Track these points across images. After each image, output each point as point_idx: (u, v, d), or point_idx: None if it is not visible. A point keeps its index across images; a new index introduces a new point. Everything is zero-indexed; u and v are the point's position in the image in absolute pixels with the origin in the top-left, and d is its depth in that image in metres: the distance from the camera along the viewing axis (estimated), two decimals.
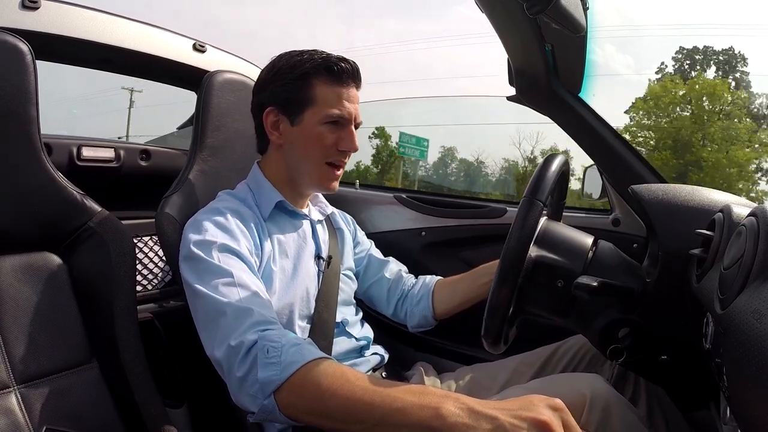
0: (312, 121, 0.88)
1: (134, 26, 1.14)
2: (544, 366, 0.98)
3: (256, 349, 0.65)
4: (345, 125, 0.89)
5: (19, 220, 0.75)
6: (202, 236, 0.78)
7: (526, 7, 0.66)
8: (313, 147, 0.89)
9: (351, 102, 0.89)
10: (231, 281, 0.72)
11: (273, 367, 0.62)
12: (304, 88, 0.87)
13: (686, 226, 0.85)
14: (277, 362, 0.62)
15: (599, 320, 0.85)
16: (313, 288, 0.91)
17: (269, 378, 0.62)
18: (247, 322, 0.68)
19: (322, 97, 0.87)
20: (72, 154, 1.12)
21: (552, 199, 0.95)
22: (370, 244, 1.15)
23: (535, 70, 1.05)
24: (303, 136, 0.89)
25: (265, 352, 0.64)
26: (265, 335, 0.66)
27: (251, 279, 0.75)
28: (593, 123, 1.11)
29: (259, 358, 0.64)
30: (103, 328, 0.79)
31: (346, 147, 0.90)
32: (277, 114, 0.90)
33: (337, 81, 0.88)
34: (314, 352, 0.65)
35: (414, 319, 1.08)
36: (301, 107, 0.88)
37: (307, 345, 0.66)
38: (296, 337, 0.68)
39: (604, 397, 0.73)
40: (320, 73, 0.87)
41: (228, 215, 0.82)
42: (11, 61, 0.73)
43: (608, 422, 0.71)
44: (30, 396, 0.71)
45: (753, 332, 0.46)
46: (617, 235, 1.18)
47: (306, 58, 0.88)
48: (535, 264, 0.82)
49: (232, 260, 0.76)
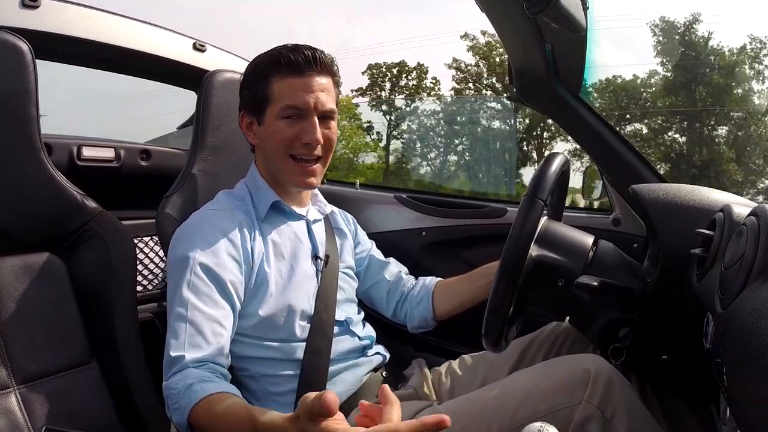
0: (272, 117, 0.88)
1: (134, 25, 1.14)
2: (522, 357, 0.98)
3: (166, 397, 0.73)
4: (306, 116, 0.87)
5: (19, 221, 0.75)
6: (184, 252, 0.81)
7: (526, 7, 0.66)
8: (275, 143, 0.88)
9: (311, 91, 0.86)
10: (183, 315, 0.76)
11: (177, 412, 0.70)
12: (262, 87, 0.87)
13: (686, 225, 0.85)
14: (178, 407, 0.70)
15: (599, 320, 0.85)
16: (312, 288, 0.91)
17: (179, 421, 0.70)
18: (171, 369, 0.74)
19: (277, 91, 0.87)
20: (72, 153, 1.12)
21: (552, 199, 0.95)
22: (371, 245, 1.15)
23: (535, 70, 1.05)
24: (267, 133, 0.89)
25: (170, 399, 0.72)
26: (168, 384, 0.73)
27: (207, 311, 0.78)
28: (593, 122, 1.11)
29: (169, 405, 0.72)
30: (103, 328, 0.79)
31: (307, 139, 0.87)
32: (249, 116, 0.91)
33: (292, 72, 0.86)
34: (202, 390, 0.69)
35: (414, 321, 1.08)
36: (263, 106, 0.88)
37: (197, 384, 0.70)
38: (194, 375, 0.72)
39: (606, 373, 0.74)
40: (274, 68, 0.87)
41: (215, 225, 0.84)
42: (11, 61, 0.73)
43: (610, 396, 0.72)
44: (30, 396, 0.71)
45: (753, 331, 0.46)
46: (617, 235, 1.18)
47: (264, 57, 0.89)
48: (536, 263, 0.82)
49: (200, 284, 0.78)
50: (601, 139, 1.12)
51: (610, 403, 0.72)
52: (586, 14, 0.83)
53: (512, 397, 0.76)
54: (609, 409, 0.71)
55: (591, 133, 1.12)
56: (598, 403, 0.71)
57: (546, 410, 0.72)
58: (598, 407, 0.71)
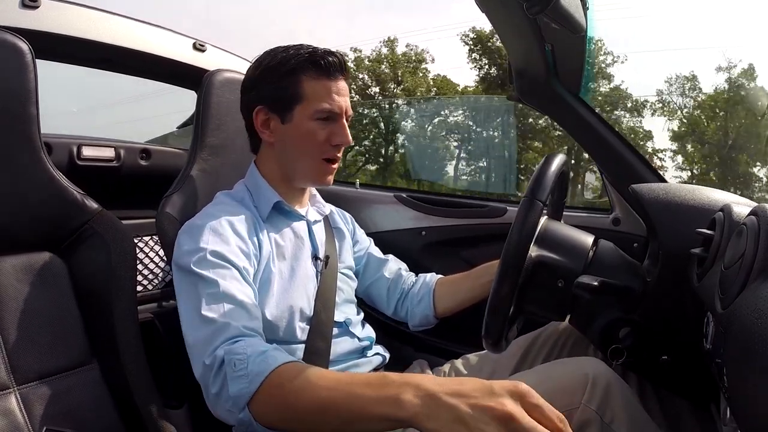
0: (302, 117, 0.87)
1: (134, 25, 1.14)
2: (525, 355, 0.98)
3: (225, 364, 0.66)
4: (336, 119, 0.88)
5: (19, 220, 0.75)
6: (194, 244, 0.78)
7: (526, 7, 0.66)
8: (307, 144, 0.88)
9: (340, 95, 0.88)
10: (216, 292, 0.73)
11: (241, 380, 0.63)
12: (292, 84, 0.86)
13: (687, 225, 0.85)
14: (245, 374, 0.63)
15: (600, 320, 0.85)
16: (312, 289, 0.91)
17: (240, 392, 0.63)
18: (220, 338, 0.68)
19: (310, 92, 0.86)
20: (72, 153, 1.12)
21: (552, 199, 0.95)
22: (369, 243, 1.15)
23: (535, 70, 1.05)
24: (295, 133, 0.88)
25: (232, 366, 0.64)
26: (232, 348, 0.66)
27: (238, 287, 0.75)
28: (593, 122, 1.11)
29: (228, 373, 0.64)
30: (104, 329, 0.79)
31: (338, 141, 0.89)
32: (267, 113, 0.89)
33: (325, 75, 0.87)
34: (279, 358, 0.65)
35: (415, 319, 1.08)
36: (290, 104, 0.87)
37: (272, 351, 0.66)
38: (263, 344, 0.68)
39: (605, 377, 0.73)
40: (307, 68, 0.86)
41: (223, 220, 0.82)
42: (11, 61, 0.72)
43: (609, 400, 0.72)
44: (30, 397, 0.70)
45: (754, 331, 0.46)
46: (618, 235, 1.18)
47: (292, 54, 0.87)
48: (536, 263, 0.82)
49: (221, 268, 0.76)
50: (600, 139, 1.12)
51: (608, 407, 0.71)
52: (586, 14, 0.83)
53: None
54: (608, 413, 0.71)
55: (591, 133, 1.12)
56: (596, 408, 0.71)
57: None
58: (596, 411, 0.71)
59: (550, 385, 0.75)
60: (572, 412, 0.71)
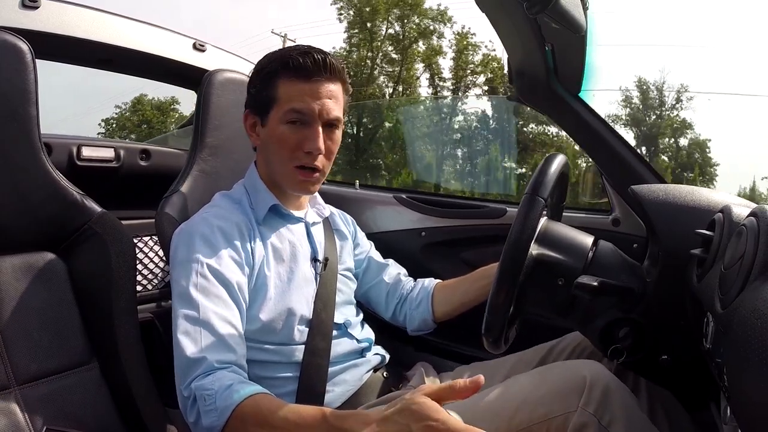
0: (275, 120, 0.86)
1: (134, 26, 1.14)
2: (542, 364, 0.98)
3: (197, 398, 0.70)
4: (310, 123, 0.85)
5: (19, 220, 0.75)
6: (187, 254, 0.80)
7: (526, 7, 0.66)
8: (278, 149, 0.87)
9: (317, 98, 0.84)
10: (196, 317, 0.75)
11: (212, 414, 0.67)
12: (269, 87, 0.86)
13: (686, 226, 0.85)
14: (214, 408, 0.67)
15: (599, 320, 0.85)
16: (311, 291, 0.90)
17: (212, 424, 0.67)
18: (194, 372, 0.71)
19: (284, 94, 0.84)
20: (72, 153, 1.12)
21: (552, 199, 0.95)
22: (370, 246, 1.15)
23: (535, 70, 1.05)
24: (270, 136, 0.87)
25: (203, 401, 0.68)
26: (202, 384, 0.70)
27: (219, 312, 0.76)
28: (593, 123, 1.11)
29: (200, 406, 0.69)
30: (103, 329, 0.79)
31: (309, 147, 0.84)
32: (253, 116, 0.90)
33: (300, 76, 0.83)
34: (242, 392, 0.67)
35: (413, 323, 1.08)
36: (267, 107, 0.86)
37: (237, 385, 0.69)
38: (230, 377, 0.71)
39: (603, 380, 0.73)
40: (281, 69, 0.85)
41: (215, 228, 0.82)
42: (11, 61, 0.73)
43: (607, 403, 0.71)
44: (30, 396, 0.71)
45: (753, 331, 0.46)
46: (617, 235, 1.18)
47: (274, 56, 0.87)
48: (536, 262, 0.82)
49: (208, 285, 0.77)
50: (600, 140, 1.12)
51: (606, 410, 0.70)
52: (586, 14, 0.83)
53: (508, 404, 0.75)
54: (606, 416, 0.70)
55: (591, 134, 1.12)
56: (594, 411, 0.70)
57: (541, 417, 0.71)
58: (594, 415, 0.70)
59: (547, 388, 0.74)
60: (569, 416, 0.70)
